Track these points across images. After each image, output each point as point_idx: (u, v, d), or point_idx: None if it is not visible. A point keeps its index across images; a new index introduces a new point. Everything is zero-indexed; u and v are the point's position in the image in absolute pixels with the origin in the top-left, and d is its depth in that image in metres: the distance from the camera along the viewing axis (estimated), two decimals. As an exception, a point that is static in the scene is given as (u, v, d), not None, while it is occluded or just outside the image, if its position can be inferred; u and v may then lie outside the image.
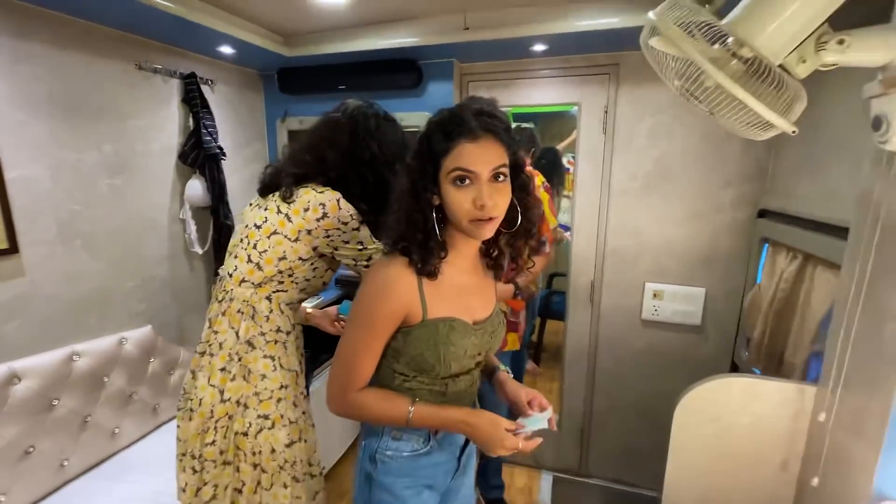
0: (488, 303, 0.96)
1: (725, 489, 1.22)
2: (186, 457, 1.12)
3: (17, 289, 1.42)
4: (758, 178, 1.79)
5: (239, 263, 1.12)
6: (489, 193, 0.79)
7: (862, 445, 0.90)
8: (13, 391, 1.36)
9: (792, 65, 0.81)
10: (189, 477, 1.12)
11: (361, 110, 1.17)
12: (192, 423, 1.11)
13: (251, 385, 1.09)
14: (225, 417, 1.09)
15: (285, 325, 1.13)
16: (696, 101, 0.83)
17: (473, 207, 0.79)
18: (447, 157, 0.80)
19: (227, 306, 1.11)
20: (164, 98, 1.85)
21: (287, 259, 1.10)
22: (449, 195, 0.81)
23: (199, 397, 1.11)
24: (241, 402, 1.09)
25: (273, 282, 1.11)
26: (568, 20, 1.63)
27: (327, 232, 1.10)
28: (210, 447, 1.09)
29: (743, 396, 1.16)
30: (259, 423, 1.09)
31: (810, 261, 1.34)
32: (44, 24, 1.44)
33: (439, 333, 0.84)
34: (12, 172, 1.38)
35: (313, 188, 1.11)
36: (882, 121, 0.82)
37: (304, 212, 1.08)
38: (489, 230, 0.82)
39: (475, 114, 0.80)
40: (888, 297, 0.85)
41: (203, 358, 1.13)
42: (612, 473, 2.25)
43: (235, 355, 1.10)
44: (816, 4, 0.74)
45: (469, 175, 0.79)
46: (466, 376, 0.93)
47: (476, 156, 0.79)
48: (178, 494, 1.16)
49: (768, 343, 1.52)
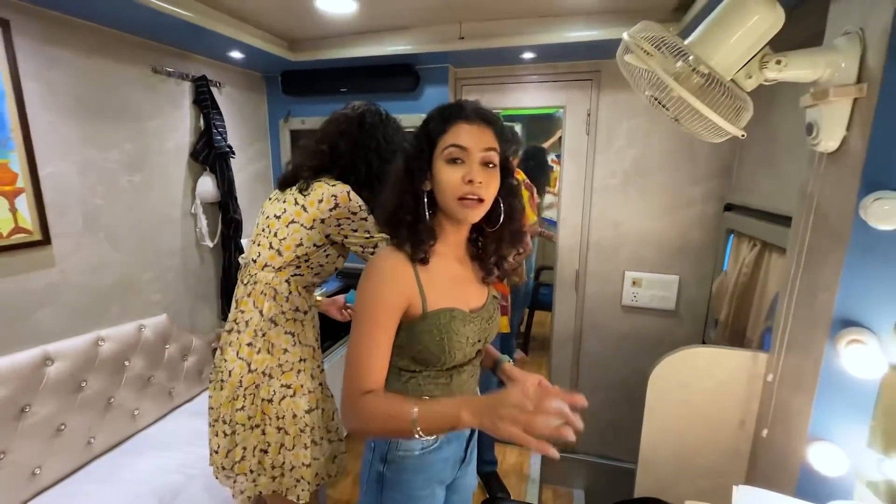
0: (482, 290, 0.99)
1: (693, 447, 1.39)
2: (218, 422, 1.26)
3: (49, 278, 1.53)
4: (724, 176, 1.98)
5: (261, 250, 1.25)
6: (479, 172, 0.84)
7: (800, 398, 1.07)
8: (47, 372, 1.47)
9: (741, 80, 0.97)
10: (221, 440, 1.25)
11: (369, 107, 1.34)
12: (223, 392, 1.24)
13: (275, 358, 1.23)
14: (252, 386, 1.23)
15: (303, 305, 1.27)
16: (664, 108, 0.99)
17: (462, 184, 0.83)
18: (443, 137, 0.85)
19: (252, 288, 1.25)
20: (177, 99, 1.97)
21: (303, 245, 1.23)
22: (441, 173, 0.85)
23: (228, 369, 1.24)
24: (266, 372, 1.23)
25: (291, 266, 1.24)
26: (555, 32, 1.79)
27: (338, 221, 1.23)
28: (240, 412, 1.23)
29: (707, 364, 1.33)
30: (282, 391, 1.23)
31: (767, 248, 1.52)
32: (73, 32, 1.55)
33: (441, 323, 0.85)
34: (45, 169, 1.48)
35: (326, 182, 1.25)
36: (813, 126, 0.99)
37: (318, 203, 1.22)
38: (477, 213, 0.86)
39: (473, 106, 0.88)
40: (819, 272, 1.02)
41: (231, 335, 1.27)
42: (597, 449, 2.44)
43: (260, 331, 1.23)
44: (757, 32, 0.91)
45: (461, 154, 0.84)
46: (468, 366, 0.96)
47: (470, 135, 0.84)
48: (211, 457, 1.29)
49: (732, 323, 1.71)
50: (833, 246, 0.96)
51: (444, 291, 0.89)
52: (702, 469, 1.36)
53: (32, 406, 1.43)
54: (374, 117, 1.32)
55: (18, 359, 1.40)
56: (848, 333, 0.92)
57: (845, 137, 0.94)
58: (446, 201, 0.86)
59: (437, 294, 0.87)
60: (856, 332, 0.91)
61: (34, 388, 1.43)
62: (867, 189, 0.87)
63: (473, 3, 1.67)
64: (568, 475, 2.44)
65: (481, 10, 1.74)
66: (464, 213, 0.85)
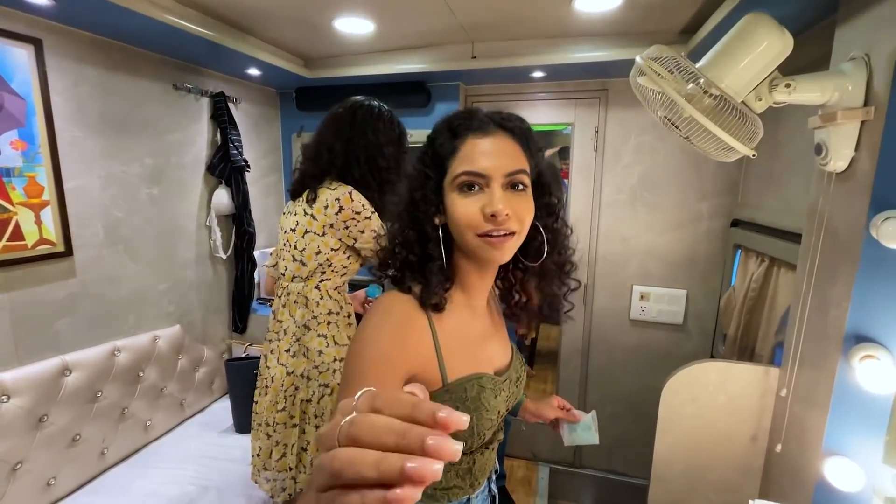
0: (506, 344, 0.82)
1: (705, 462, 1.39)
2: (261, 426, 1.31)
3: (70, 288, 1.55)
4: (731, 192, 2.01)
5: (287, 264, 1.31)
6: (502, 200, 0.63)
7: (814, 413, 1.08)
8: (65, 382, 1.49)
9: (751, 102, 1.00)
10: (263, 442, 1.31)
11: (360, 102, 1.34)
12: (267, 397, 1.31)
13: (311, 361, 1.28)
14: (291, 388, 1.28)
15: (335, 307, 1.32)
16: (676, 128, 1.03)
17: (482, 217, 0.63)
18: (453, 160, 0.66)
19: (286, 300, 1.32)
20: (196, 115, 2.01)
21: (322, 252, 1.28)
22: (453, 205, 0.65)
23: (271, 375, 1.31)
24: (305, 375, 1.28)
25: (317, 273, 1.30)
26: (564, 52, 1.85)
27: (345, 223, 1.27)
28: (281, 413, 1.28)
29: (718, 379, 1.34)
30: (321, 390, 1.28)
31: (775, 264, 1.54)
32: (98, 49, 1.60)
33: (468, 398, 0.67)
34: (70, 183, 1.52)
35: (328, 187, 1.29)
36: (822, 147, 1.02)
37: (325, 209, 1.26)
38: (506, 250, 0.65)
39: (487, 113, 0.68)
40: (830, 289, 1.04)
41: (272, 344, 1.34)
42: (605, 464, 2.42)
43: (294, 337, 1.29)
44: (766, 58, 0.95)
45: (477, 180, 0.64)
46: (494, 441, 0.79)
47: (487, 155, 0.64)
48: (252, 461, 1.34)
49: (741, 338, 1.72)
50: (844, 263, 0.99)
51: (466, 352, 0.70)
52: (715, 485, 1.37)
53: (50, 416, 1.44)
54: (364, 111, 1.32)
55: (38, 369, 1.42)
56: (861, 349, 0.93)
57: (854, 158, 0.97)
58: (464, 240, 0.66)
59: (458, 356, 0.69)
60: (869, 348, 0.93)
61: (52, 397, 1.45)
62: (876, 208, 0.90)
63: (486, 24, 1.72)
64: (576, 490, 2.42)
65: (493, 31, 1.80)
66: (490, 253, 0.65)
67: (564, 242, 0.77)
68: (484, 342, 0.76)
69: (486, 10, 1.58)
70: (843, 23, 1.05)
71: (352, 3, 1.52)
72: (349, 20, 1.66)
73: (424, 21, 1.69)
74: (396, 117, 1.38)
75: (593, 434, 1.06)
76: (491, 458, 0.80)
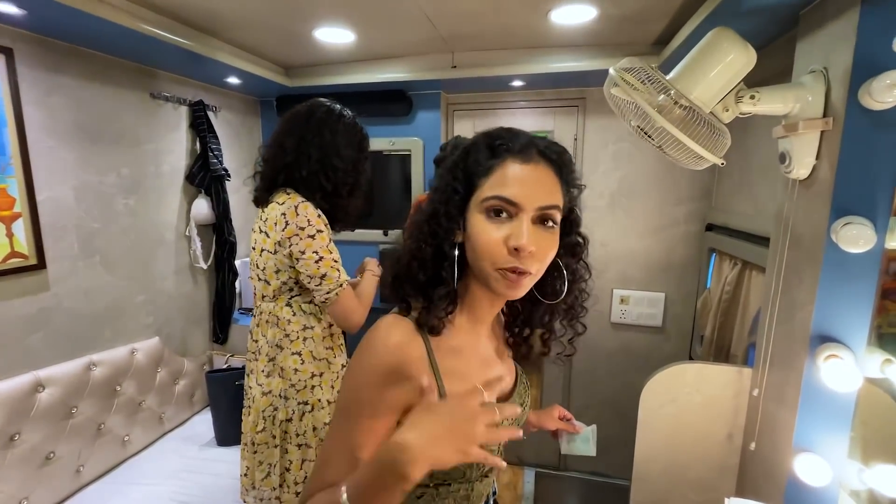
0: (510, 369, 0.79)
1: (684, 461, 1.43)
2: (247, 445, 1.29)
3: (42, 302, 1.51)
4: (705, 197, 2.08)
5: (256, 283, 1.29)
6: (529, 234, 0.60)
7: (784, 411, 1.12)
8: (39, 398, 1.45)
9: (719, 112, 1.04)
10: (249, 461, 1.28)
11: (320, 102, 1.28)
12: (249, 417, 1.28)
13: (286, 380, 1.25)
14: (270, 408, 1.25)
15: (309, 321, 1.27)
16: (649, 138, 1.06)
17: (505, 250, 0.60)
18: (485, 179, 0.62)
19: (259, 319, 1.29)
20: (174, 124, 1.99)
21: (281, 271, 1.21)
22: (476, 228, 0.62)
23: (252, 396, 1.29)
24: (282, 395, 1.25)
25: (284, 292, 1.24)
26: (543, 62, 1.88)
27: (290, 240, 1.15)
28: (261, 433, 1.26)
29: (695, 379, 1.38)
30: (300, 408, 1.25)
31: (747, 267, 1.60)
32: (73, 59, 1.57)
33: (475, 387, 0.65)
34: (42, 194, 1.49)
35: (276, 201, 1.21)
36: (786, 156, 1.06)
37: (275, 225, 1.18)
38: (521, 289, 0.63)
39: (530, 139, 0.64)
40: (796, 291, 1.09)
41: (250, 363, 1.32)
42: (589, 466, 2.45)
43: (268, 357, 1.26)
44: (731, 70, 0.99)
45: (507, 207, 0.60)
46: (493, 470, 0.76)
47: (523, 183, 0.60)
48: (241, 481, 1.32)
49: (717, 339, 1.77)
50: (808, 266, 1.03)
51: (466, 376, 0.68)
52: (693, 483, 1.40)
53: (22, 434, 1.40)
54: (323, 111, 1.24)
55: (9, 385, 1.38)
56: (826, 349, 0.97)
57: (815, 166, 1.02)
58: (481, 267, 0.63)
59: (458, 381, 0.66)
60: (833, 348, 0.97)
61: (24, 415, 1.41)
62: (837, 214, 0.94)
63: (466, 35, 1.75)
64: (561, 493, 2.44)
65: (473, 41, 1.83)
66: (503, 288, 0.62)
67: (581, 286, 0.74)
68: (486, 367, 0.73)
69: (466, 22, 1.60)
70: (802, 37, 1.10)
71: (332, 13, 1.53)
72: (329, 30, 1.67)
73: (405, 31, 1.71)
74: (360, 123, 1.31)
75: (591, 447, 1.09)
76: (488, 484, 0.76)
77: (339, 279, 1.18)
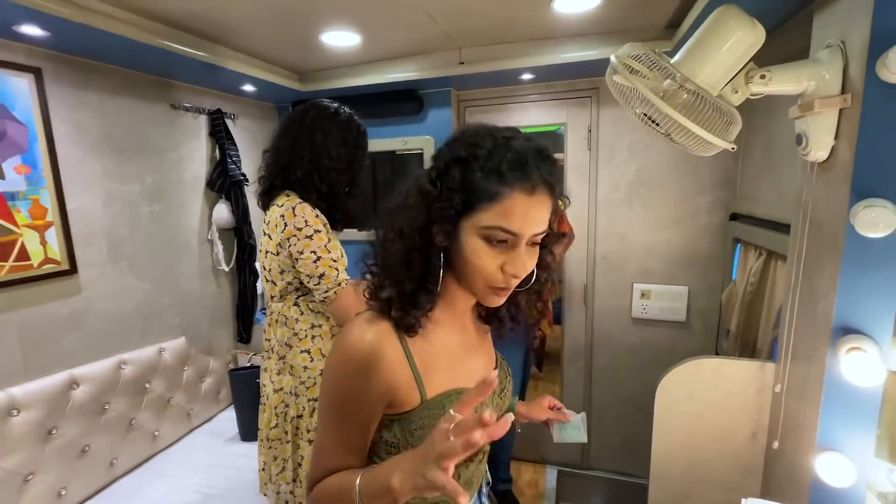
0: (489, 357, 0.82)
1: (705, 460, 1.37)
2: (264, 441, 1.33)
3: (75, 305, 1.61)
4: (728, 186, 1.98)
5: (265, 285, 1.32)
6: (524, 262, 0.64)
7: (807, 408, 1.06)
8: (73, 395, 1.54)
9: (728, 95, 0.99)
10: (265, 456, 1.32)
11: (315, 103, 1.29)
12: (265, 414, 1.32)
13: (296, 377, 1.28)
14: (282, 405, 1.29)
15: (317, 320, 1.30)
16: (655, 125, 1.02)
17: (500, 275, 0.64)
18: (490, 205, 0.61)
19: (270, 319, 1.33)
20: (194, 132, 2.08)
21: (285, 272, 1.24)
22: (473, 249, 0.63)
23: (266, 393, 1.32)
24: (292, 392, 1.28)
25: (290, 292, 1.27)
26: (551, 53, 1.85)
27: (289, 241, 1.17)
28: (275, 429, 1.29)
29: (714, 376, 1.32)
30: (311, 405, 1.28)
31: (772, 257, 1.52)
32: (97, 75, 1.67)
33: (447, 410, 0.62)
34: (73, 203, 1.59)
35: (276, 203, 1.24)
36: (802, 137, 1.00)
37: (275, 227, 1.21)
38: (504, 298, 0.68)
39: (537, 156, 0.63)
40: (817, 280, 1.02)
41: (265, 361, 1.35)
42: (612, 465, 2.39)
43: (279, 356, 1.30)
44: (739, 50, 0.94)
45: (510, 238, 0.63)
46: (478, 454, 0.78)
47: (526, 216, 0.62)
48: (259, 473, 1.36)
49: (742, 333, 1.69)
50: (829, 254, 0.97)
51: (447, 368, 0.71)
52: (715, 483, 1.34)
53: (59, 428, 1.50)
54: (316, 112, 1.25)
55: (47, 383, 1.48)
56: (847, 341, 0.91)
57: (834, 147, 0.96)
58: (471, 282, 0.66)
59: (438, 373, 0.69)
60: (855, 340, 0.91)
61: (61, 410, 1.50)
62: (857, 196, 0.88)
63: (469, 30, 1.74)
64: (583, 492, 2.39)
65: (478, 36, 1.81)
66: (489, 301, 0.68)
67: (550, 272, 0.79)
68: (465, 356, 0.76)
69: (467, 17, 1.59)
70: (819, 10, 1.04)
71: (336, 17, 1.55)
72: (335, 34, 1.70)
73: (408, 31, 1.71)
74: (357, 121, 1.31)
75: (582, 433, 1.08)
76: (478, 470, 0.78)
77: (337, 278, 1.20)
